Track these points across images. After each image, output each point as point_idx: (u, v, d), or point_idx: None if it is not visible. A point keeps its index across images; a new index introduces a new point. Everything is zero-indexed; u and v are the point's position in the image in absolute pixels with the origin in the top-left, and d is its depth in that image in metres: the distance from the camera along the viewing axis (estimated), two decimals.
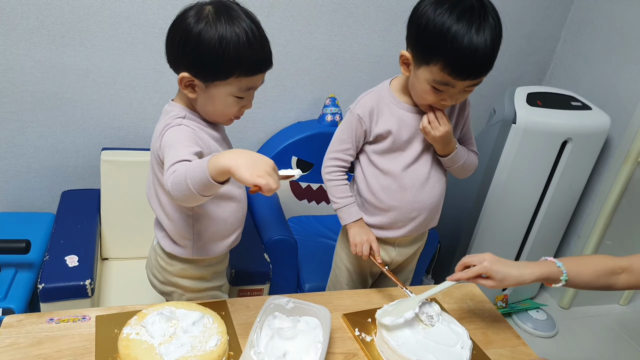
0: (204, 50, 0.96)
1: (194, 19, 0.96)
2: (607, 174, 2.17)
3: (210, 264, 1.19)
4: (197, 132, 1.04)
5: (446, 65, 1.05)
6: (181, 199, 0.89)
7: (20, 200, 1.89)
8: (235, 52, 0.96)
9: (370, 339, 1.07)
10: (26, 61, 1.68)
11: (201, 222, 1.10)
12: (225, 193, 1.11)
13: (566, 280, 1.05)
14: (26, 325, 0.96)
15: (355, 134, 1.26)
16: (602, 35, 2.18)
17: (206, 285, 1.21)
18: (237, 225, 1.18)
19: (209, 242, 1.14)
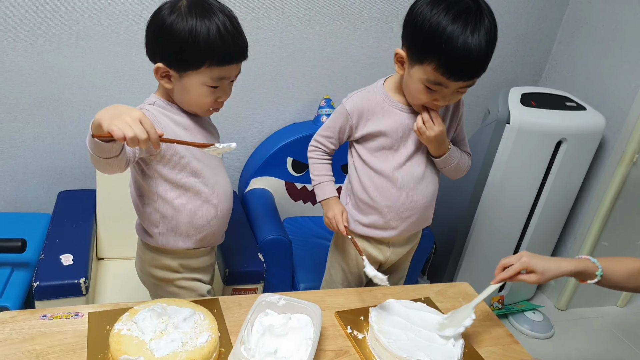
0: (175, 41, 1.00)
1: (167, 12, 1.01)
2: (602, 174, 2.18)
3: (181, 257, 1.19)
4: (159, 117, 1.06)
5: (440, 65, 1.05)
6: (93, 164, 0.94)
7: (17, 200, 1.90)
8: (206, 42, 0.99)
9: (362, 337, 1.07)
10: (23, 62, 1.69)
11: (164, 209, 1.13)
12: (187, 185, 1.12)
13: (601, 276, 1.07)
14: (19, 321, 0.97)
15: (340, 126, 1.28)
16: (597, 36, 2.19)
17: (177, 276, 1.21)
18: (206, 223, 1.17)
19: (174, 233, 1.15)
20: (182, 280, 1.22)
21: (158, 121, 1.06)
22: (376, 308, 1.09)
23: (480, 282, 1.71)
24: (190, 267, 1.23)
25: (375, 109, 1.23)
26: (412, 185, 1.27)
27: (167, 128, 1.07)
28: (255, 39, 1.91)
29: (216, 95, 1.08)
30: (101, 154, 0.90)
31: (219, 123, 1.23)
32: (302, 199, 2.12)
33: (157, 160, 1.08)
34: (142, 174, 1.12)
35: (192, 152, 1.11)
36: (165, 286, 1.22)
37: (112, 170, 0.97)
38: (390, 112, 1.23)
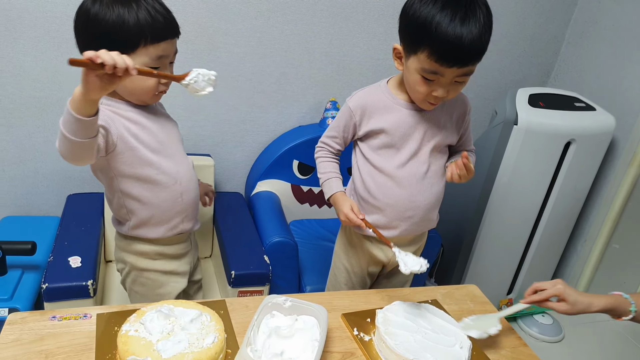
0: (106, 28, 1.00)
1: (90, 2, 1.02)
2: (613, 175, 2.16)
3: (155, 243, 1.22)
4: (107, 112, 1.06)
5: (432, 52, 1.06)
6: (66, 154, 0.93)
7: (28, 204, 1.92)
8: (135, 22, 1.00)
9: (368, 339, 1.07)
10: (33, 67, 1.71)
11: (129, 204, 1.15)
12: (146, 177, 1.13)
13: (635, 312, 1.06)
14: (29, 322, 0.98)
15: (345, 124, 1.28)
16: (607, 36, 2.18)
17: (152, 265, 1.23)
18: (173, 213, 1.19)
19: (144, 225, 1.18)
20: (156, 273, 1.24)
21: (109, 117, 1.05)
22: (383, 310, 1.09)
23: (488, 285, 1.71)
24: (166, 254, 1.24)
25: (378, 105, 1.24)
26: (414, 184, 1.27)
27: (119, 123, 1.07)
28: (261, 41, 1.92)
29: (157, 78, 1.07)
30: (79, 133, 0.88)
31: (225, 126, 1.24)
32: (308, 202, 2.12)
33: (113, 158, 1.08)
34: (103, 173, 1.14)
35: (147, 143, 1.11)
36: (139, 275, 1.24)
37: (86, 156, 0.95)
38: (392, 109, 1.23)
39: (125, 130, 1.08)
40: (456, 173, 1.21)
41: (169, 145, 1.18)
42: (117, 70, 0.82)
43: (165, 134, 1.17)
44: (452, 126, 1.29)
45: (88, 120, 0.87)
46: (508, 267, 2.20)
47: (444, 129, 1.27)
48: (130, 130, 1.09)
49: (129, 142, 1.09)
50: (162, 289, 1.27)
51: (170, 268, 1.26)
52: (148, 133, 1.13)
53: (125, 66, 0.82)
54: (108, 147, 1.05)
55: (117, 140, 1.06)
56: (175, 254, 1.27)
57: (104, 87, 0.85)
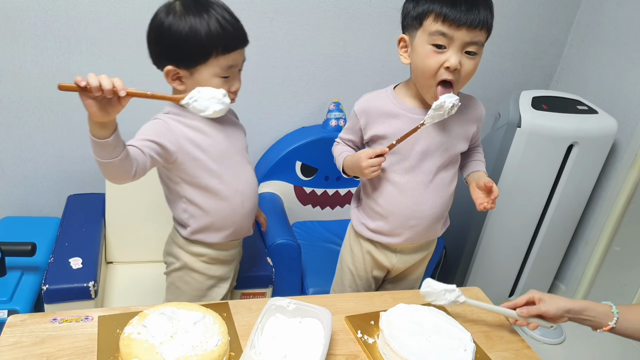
0: (179, 40, 1.02)
1: (163, 14, 1.05)
2: (614, 178, 2.16)
3: (212, 247, 1.24)
4: (170, 123, 1.09)
5: (438, 13, 1.06)
6: (102, 173, 0.97)
7: (28, 204, 1.91)
8: (208, 35, 1.03)
9: (372, 341, 1.06)
10: (33, 67, 1.70)
11: (192, 210, 1.18)
12: (208, 187, 1.15)
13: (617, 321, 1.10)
14: (30, 324, 0.97)
15: (353, 127, 1.30)
16: (609, 39, 2.17)
17: (203, 269, 1.25)
18: (232, 221, 1.22)
19: (204, 231, 1.20)
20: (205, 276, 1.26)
21: (171, 128, 1.08)
22: (387, 312, 1.08)
23: (490, 287, 1.70)
24: (220, 259, 1.27)
25: (382, 110, 1.22)
26: (419, 194, 1.24)
27: (180, 134, 1.09)
28: (265, 42, 1.91)
29: (228, 85, 1.10)
30: (102, 155, 0.91)
31: None
32: (311, 203, 2.11)
33: (175, 167, 1.11)
34: (166, 178, 1.16)
35: (209, 153, 1.13)
36: (188, 274, 1.25)
37: (121, 176, 0.98)
38: (397, 115, 1.21)
39: (188, 141, 1.10)
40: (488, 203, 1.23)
41: (233, 154, 1.19)
42: (105, 92, 0.82)
43: (229, 143, 1.18)
44: (462, 133, 1.26)
45: (103, 142, 0.89)
46: (510, 269, 2.20)
47: (452, 137, 1.24)
48: (193, 140, 1.11)
49: (191, 153, 1.10)
50: (206, 291, 1.28)
51: (219, 273, 1.29)
52: (212, 142, 1.14)
53: (111, 88, 0.82)
54: (167, 159, 1.08)
55: (177, 151, 1.08)
56: (227, 259, 1.30)
57: (106, 110, 0.85)
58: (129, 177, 0.99)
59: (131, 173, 0.99)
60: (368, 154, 1.17)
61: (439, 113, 1.10)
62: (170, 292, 1.30)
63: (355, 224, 1.37)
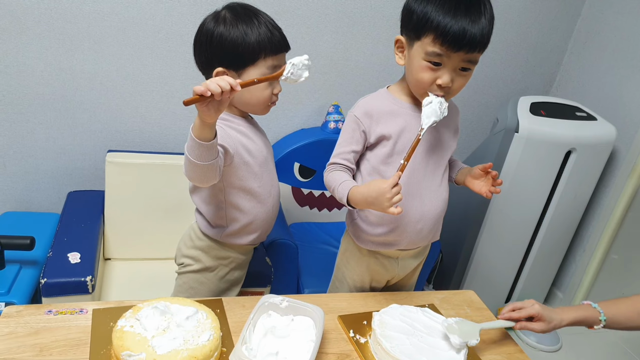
0: (231, 45, 1.09)
1: (212, 23, 1.11)
2: (613, 186, 2.16)
3: (236, 250, 1.28)
4: (225, 129, 1.14)
5: (437, 36, 1.06)
6: (191, 176, 1.02)
7: (28, 200, 1.92)
8: (257, 38, 1.09)
9: (364, 341, 1.07)
10: (36, 63, 1.72)
11: (231, 214, 1.21)
12: (251, 189, 1.20)
13: (605, 320, 1.11)
14: (25, 315, 0.98)
15: (352, 136, 1.22)
16: (609, 46, 2.18)
17: (223, 273, 1.28)
18: (263, 223, 1.27)
19: (239, 233, 1.24)
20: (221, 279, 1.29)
21: (228, 134, 1.13)
22: (379, 312, 1.08)
23: (486, 292, 1.70)
24: (240, 263, 1.31)
25: (384, 110, 1.20)
26: (425, 193, 1.23)
27: (235, 139, 1.15)
28: None
29: (272, 87, 1.15)
30: (206, 156, 0.96)
31: None
32: (308, 205, 2.12)
33: (228, 171, 1.15)
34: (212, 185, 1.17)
35: (256, 157, 1.19)
36: (204, 275, 1.27)
37: (211, 176, 1.03)
38: (398, 113, 1.20)
39: (240, 145, 1.15)
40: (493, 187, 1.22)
41: (269, 159, 1.26)
42: (224, 94, 0.89)
43: (267, 148, 1.25)
44: (454, 131, 1.28)
45: (208, 144, 0.95)
46: (507, 275, 2.20)
47: (450, 133, 1.25)
48: (244, 144, 1.16)
49: (243, 157, 1.16)
50: (219, 294, 1.30)
51: (235, 277, 1.32)
52: (257, 146, 1.20)
53: (229, 89, 0.89)
54: (225, 162, 1.12)
55: (235, 155, 1.13)
56: (245, 263, 1.34)
57: (218, 110, 0.92)
58: (218, 177, 1.06)
59: (219, 173, 1.05)
60: (390, 184, 1.04)
61: (431, 117, 1.09)
62: (182, 292, 1.30)
63: (355, 236, 1.30)
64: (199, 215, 1.26)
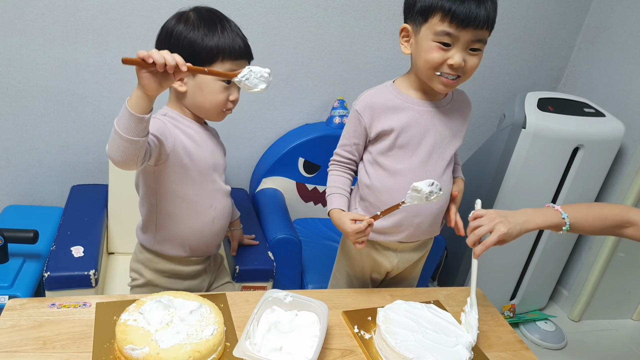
0: (188, 45, 1.06)
1: (174, 21, 1.10)
2: (620, 183, 2.14)
3: (174, 262, 1.23)
4: (168, 125, 1.11)
5: (446, 13, 1.05)
6: (116, 154, 0.94)
7: (31, 193, 1.92)
8: (217, 42, 1.07)
9: (369, 337, 1.06)
10: (40, 57, 1.72)
11: (161, 220, 1.17)
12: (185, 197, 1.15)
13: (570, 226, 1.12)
14: (28, 308, 0.98)
15: (354, 130, 1.24)
16: (618, 42, 2.16)
17: (165, 284, 1.24)
18: (200, 235, 1.21)
19: (169, 242, 1.20)
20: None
21: (170, 131, 1.10)
22: (384, 309, 1.07)
23: (491, 290, 1.69)
24: (182, 274, 1.25)
25: (387, 105, 1.20)
26: None
27: (176, 137, 1.11)
28: (271, 38, 1.91)
29: (228, 92, 1.12)
30: (135, 129, 0.91)
31: (232, 122, 1.24)
32: (312, 200, 2.11)
33: (159, 170, 1.11)
34: (145, 184, 1.16)
35: (197, 163, 1.14)
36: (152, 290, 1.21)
37: (132, 157, 0.96)
38: (403, 108, 1.19)
39: (180, 144, 1.11)
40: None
41: (215, 169, 1.21)
42: (167, 68, 0.87)
43: (215, 158, 1.21)
44: (461, 127, 1.26)
45: (139, 116, 0.91)
46: (512, 273, 2.18)
47: (455, 130, 1.24)
48: (185, 146, 1.12)
49: (181, 158, 1.12)
50: None
51: (184, 286, 1.26)
52: (202, 153, 1.16)
53: (174, 64, 0.87)
54: (159, 158, 1.08)
55: (170, 153, 1.10)
56: (191, 274, 1.27)
57: (160, 84, 0.90)
58: (140, 161, 0.99)
59: (142, 157, 0.99)
60: (353, 230, 1.15)
61: (417, 196, 1.07)
62: None
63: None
64: (138, 224, 1.24)
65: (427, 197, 1.05)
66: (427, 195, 1.05)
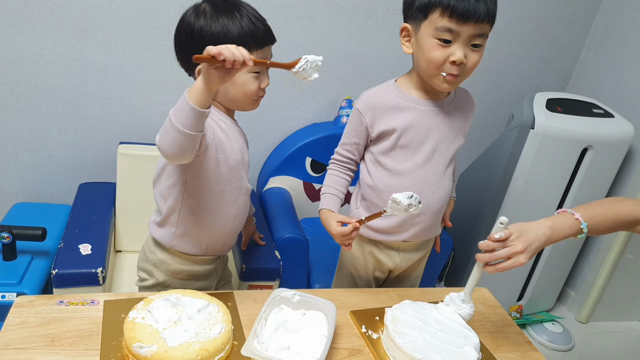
0: (212, 40, 1.03)
1: (193, 17, 1.06)
2: (630, 184, 2.12)
3: (188, 262, 1.19)
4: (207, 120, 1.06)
5: (444, 8, 1.05)
6: (169, 147, 0.92)
7: (40, 191, 1.93)
8: (240, 32, 1.04)
9: (376, 337, 1.05)
10: (49, 55, 1.72)
11: (185, 211, 1.14)
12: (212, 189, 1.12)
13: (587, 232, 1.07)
14: (37, 306, 0.98)
15: (355, 129, 1.23)
16: (628, 42, 2.14)
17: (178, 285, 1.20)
18: (219, 233, 1.18)
19: (188, 236, 1.16)
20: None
21: (208, 121, 1.06)
22: (392, 308, 1.07)
23: (498, 291, 1.68)
24: (196, 274, 1.22)
25: (389, 104, 1.19)
26: (429, 188, 1.23)
27: (215, 130, 1.09)
28: (279, 38, 1.88)
29: (259, 81, 1.11)
30: (196, 124, 0.90)
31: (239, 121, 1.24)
32: (319, 200, 2.10)
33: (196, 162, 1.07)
34: (174, 176, 1.12)
35: (228, 157, 1.12)
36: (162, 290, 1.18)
37: (187, 151, 0.95)
38: (404, 108, 1.19)
39: (217, 139, 1.09)
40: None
41: (242, 166, 1.18)
42: (235, 63, 0.86)
43: (242, 154, 1.18)
44: (464, 125, 1.26)
45: (202, 111, 0.90)
46: (519, 273, 2.17)
47: (458, 129, 1.24)
48: (220, 140, 1.10)
49: (216, 152, 1.09)
50: None
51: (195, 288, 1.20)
52: (232, 148, 1.13)
53: (242, 59, 0.86)
54: (201, 149, 1.05)
55: (209, 144, 1.07)
56: (203, 274, 1.24)
57: (224, 78, 0.89)
58: (193, 154, 0.99)
59: (195, 150, 0.98)
60: (339, 233, 1.17)
61: (397, 207, 1.07)
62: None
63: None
64: (152, 220, 1.21)
65: (407, 209, 1.06)
66: (405, 207, 1.05)
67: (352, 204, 1.35)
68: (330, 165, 1.31)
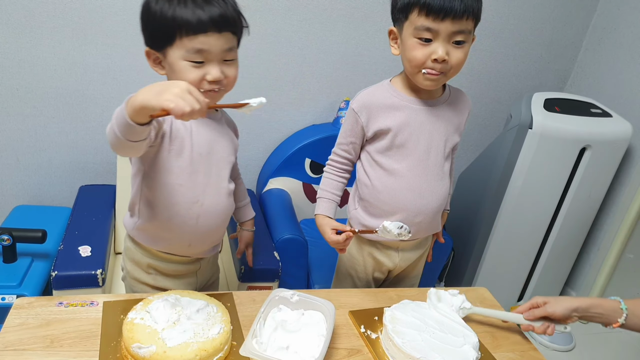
0: (148, 19, 0.98)
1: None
2: (628, 183, 2.12)
3: (151, 256, 1.13)
4: None
5: (422, 7, 1.06)
6: (114, 145, 0.88)
7: (40, 193, 1.93)
8: (172, 12, 0.94)
9: (375, 337, 1.05)
10: (50, 58, 1.73)
11: (144, 202, 1.08)
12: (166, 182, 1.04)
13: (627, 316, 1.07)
14: (36, 307, 0.98)
15: (351, 129, 1.24)
16: (626, 42, 2.15)
17: (145, 278, 1.15)
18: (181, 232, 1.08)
19: (146, 230, 1.10)
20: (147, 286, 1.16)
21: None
22: (391, 308, 1.07)
23: (499, 291, 1.69)
24: (159, 270, 1.15)
25: (384, 103, 1.19)
26: (426, 187, 1.23)
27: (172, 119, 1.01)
28: (277, 39, 1.92)
29: (202, 72, 0.98)
30: (133, 137, 0.84)
31: (238, 123, 1.24)
32: None
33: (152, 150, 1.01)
34: (135, 164, 1.08)
35: (187, 150, 1.04)
36: (134, 285, 1.17)
37: (134, 152, 0.92)
38: (399, 107, 1.19)
39: (175, 128, 1.02)
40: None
41: (210, 159, 1.08)
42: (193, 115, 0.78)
43: (211, 148, 1.08)
44: (459, 125, 1.26)
45: (140, 127, 0.82)
46: (519, 273, 2.17)
47: (452, 128, 1.24)
48: (177, 130, 1.02)
49: (173, 142, 1.02)
50: None
51: (163, 285, 1.15)
52: (195, 139, 1.04)
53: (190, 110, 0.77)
54: (156, 140, 0.99)
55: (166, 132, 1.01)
56: (172, 273, 1.16)
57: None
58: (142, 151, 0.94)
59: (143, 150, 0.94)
60: (333, 240, 1.22)
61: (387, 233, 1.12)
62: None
63: (355, 225, 1.32)
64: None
65: (396, 236, 1.13)
66: (395, 235, 1.12)
67: (350, 205, 1.35)
68: (327, 167, 1.32)
